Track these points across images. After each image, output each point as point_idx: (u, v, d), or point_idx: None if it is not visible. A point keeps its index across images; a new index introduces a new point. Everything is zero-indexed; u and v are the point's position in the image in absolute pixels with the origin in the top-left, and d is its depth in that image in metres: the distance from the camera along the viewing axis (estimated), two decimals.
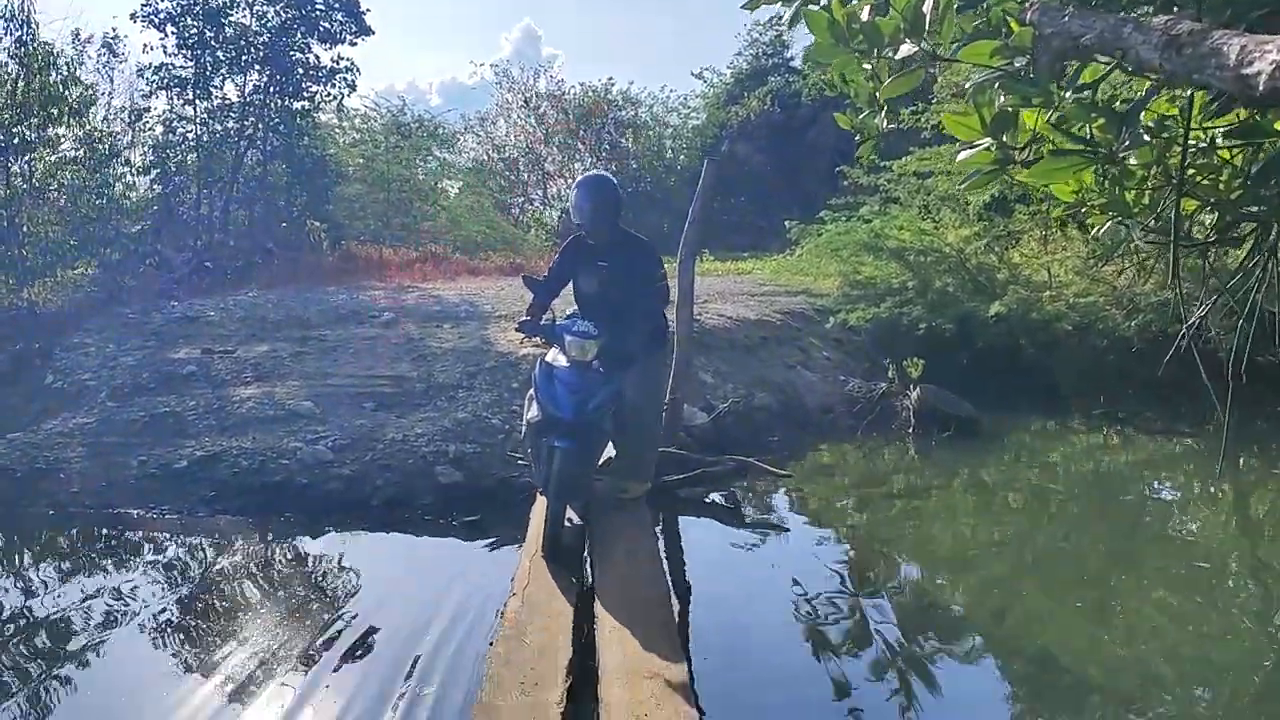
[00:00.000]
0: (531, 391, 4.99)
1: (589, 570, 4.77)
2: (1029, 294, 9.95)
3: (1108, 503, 6.91)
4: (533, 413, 4.91)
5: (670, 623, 3.95)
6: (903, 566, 5.60)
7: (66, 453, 6.92)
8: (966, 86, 2.40)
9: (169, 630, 4.55)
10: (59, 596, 5.00)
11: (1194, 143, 2.48)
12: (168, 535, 6.00)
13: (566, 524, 4.80)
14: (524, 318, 5.34)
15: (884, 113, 2.88)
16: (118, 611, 4.77)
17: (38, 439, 7.16)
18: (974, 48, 2.21)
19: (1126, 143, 2.06)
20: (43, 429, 7.35)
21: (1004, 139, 2.36)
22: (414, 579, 5.33)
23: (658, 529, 5.62)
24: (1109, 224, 3.01)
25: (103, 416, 7.45)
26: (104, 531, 6.11)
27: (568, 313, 5.42)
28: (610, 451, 5.69)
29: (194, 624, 4.61)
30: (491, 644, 3.82)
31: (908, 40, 2.38)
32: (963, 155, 2.49)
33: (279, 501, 6.29)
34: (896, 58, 2.42)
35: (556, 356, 4.96)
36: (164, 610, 4.80)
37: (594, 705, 3.25)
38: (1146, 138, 2.21)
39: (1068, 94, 2.20)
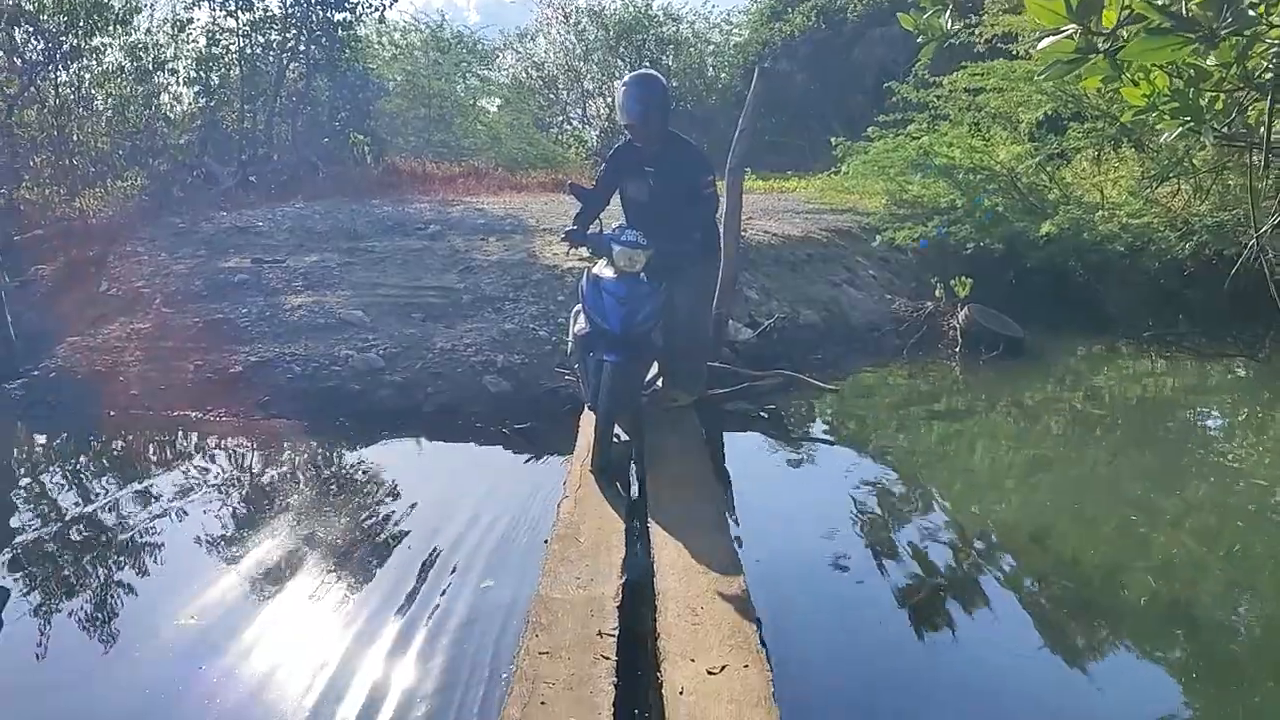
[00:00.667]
0: (578, 305, 4.93)
1: (638, 485, 4.79)
2: (1080, 214, 9.75)
3: (1153, 428, 6.86)
4: (580, 326, 4.87)
5: (724, 527, 4.02)
6: (944, 486, 5.59)
7: (124, 357, 7.07)
8: None
9: (228, 527, 4.70)
10: (120, 493, 5.18)
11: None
12: (224, 437, 6.16)
13: (615, 439, 4.72)
14: (570, 227, 5.22)
15: (949, 12, 2.83)
16: (177, 508, 4.94)
17: (96, 343, 7.33)
18: None
19: (1229, 20, 1.99)
20: (100, 334, 7.50)
21: (1089, 25, 2.31)
22: (467, 482, 5.43)
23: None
24: (1179, 129, 2.95)
25: (158, 322, 7.59)
26: (162, 432, 6.28)
27: (615, 224, 5.27)
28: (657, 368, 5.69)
29: (254, 521, 4.76)
30: (546, 541, 3.91)
31: None
32: (1044, 43, 2.44)
33: (332, 407, 6.41)
34: None
35: (604, 268, 4.87)
36: (222, 508, 4.95)
37: (651, 609, 3.31)
38: (1250, 13, 2.14)
39: None
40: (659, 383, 5.78)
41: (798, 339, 8.22)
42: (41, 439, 6.40)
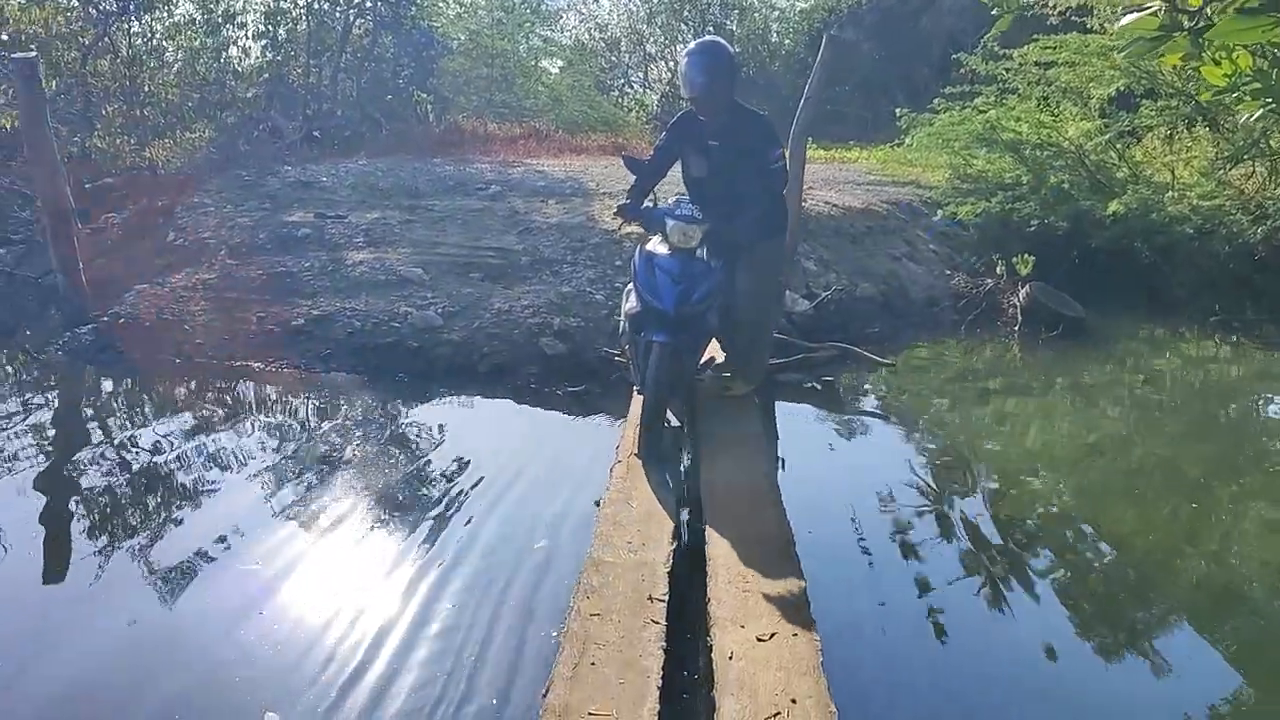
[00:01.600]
0: (630, 283, 4.67)
1: (689, 454, 4.71)
2: (1149, 194, 9.53)
3: (1215, 414, 6.71)
4: (631, 304, 4.59)
5: (776, 498, 3.99)
6: (997, 464, 5.53)
7: (190, 306, 7.23)
8: None
9: (289, 477, 4.80)
10: (184, 439, 5.31)
11: None
12: (286, 388, 6.29)
13: (664, 424, 4.50)
14: (623, 200, 4.95)
15: None
16: (240, 456, 5.05)
17: (163, 292, 7.49)
18: None
19: None
20: (168, 283, 7.66)
21: (1175, 2, 2.25)
22: (521, 442, 5.49)
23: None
24: (1261, 110, 2.87)
25: (223, 273, 7.74)
26: (225, 382, 6.42)
27: (673, 196, 4.96)
28: (715, 349, 5.43)
29: (315, 473, 4.85)
30: (598, 504, 3.95)
31: None
32: (1126, 19, 2.39)
33: (391, 362, 6.52)
34: None
35: (658, 244, 4.59)
36: (283, 458, 5.06)
37: (701, 576, 3.33)
38: None
39: None
40: (713, 367, 5.51)
41: (855, 311, 8.16)
42: (109, 384, 6.57)
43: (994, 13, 2.87)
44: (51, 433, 5.49)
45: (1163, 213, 9.22)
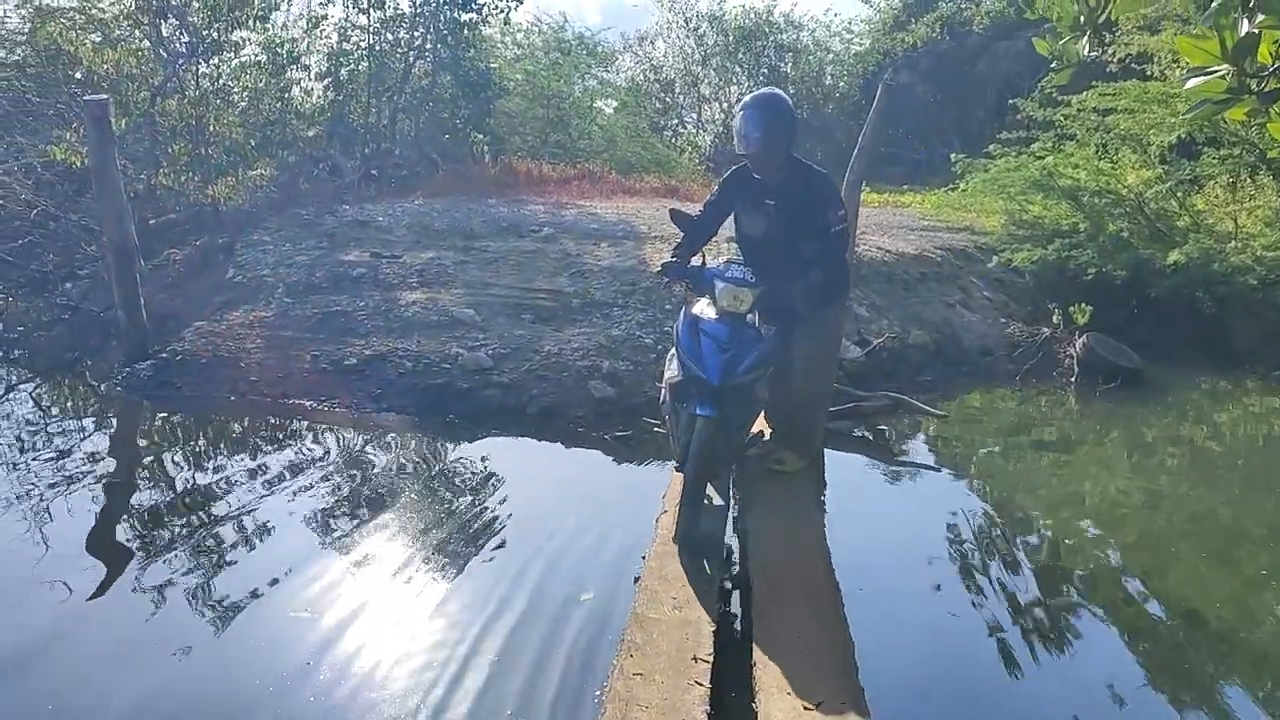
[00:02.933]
0: (673, 350, 4.31)
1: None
2: (1211, 244, 9.35)
3: (1278, 470, 6.53)
4: (672, 372, 4.27)
5: (826, 558, 3.90)
6: (1049, 518, 5.43)
7: (246, 344, 7.35)
8: (1212, 5, 2.24)
9: (340, 519, 4.84)
10: (237, 477, 5.37)
11: None
12: (338, 428, 6.36)
13: (705, 501, 4.11)
14: (668, 258, 4.60)
15: (1086, 37, 2.74)
16: (291, 496, 5.10)
17: (220, 329, 7.62)
18: None
19: None
20: (225, 320, 7.80)
21: (1244, 66, 2.20)
22: (569, 487, 5.50)
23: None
24: None
25: (280, 311, 7.86)
26: (279, 420, 6.50)
27: (723, 257, 4.73)
28: (764, 422, 5.06)
29: (365, 515, 4.88)
30: (644, 557, 3.92)
31: None
32: (1192, 82, 2.34)
33: (441, 403, 6.57)
34: None
35: (705, 308, 4.25)
36: (334, 499, 5.09)
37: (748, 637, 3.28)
38: None
39: None
40: (761, 442, 5.09)
41: (906, 359, 8.08)
42: (163, 420, 6.68)
43: (1053, 67, 2.82)
44: (105, 468, 5.58)
45: (1225, 263, 9.04)
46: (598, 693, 3.14)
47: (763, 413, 4.87)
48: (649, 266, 8.63)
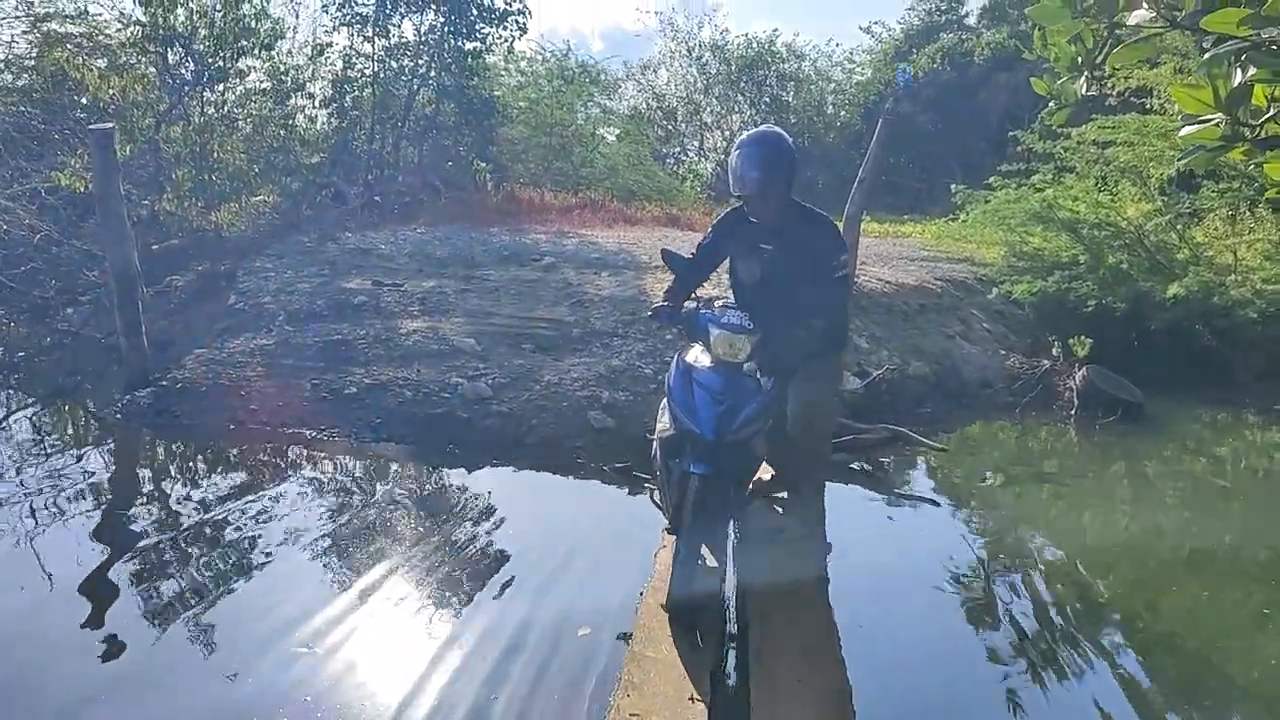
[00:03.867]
0: (665, 400, 4.04)
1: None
2: (1211, 276, 9.39)
3: (1279, 504, 6.52)
4: (664, 424, 3.99)
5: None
6: (1049, 551, 5.40)
7: (247, 371, 7.35)
8: (1203, 58, 2.26)
9: (339, 550, 4.82)
10: (234, 504, 5.36)
11: None
12: (337, 457, 6.34)
13: (700, 562, 3.83)
14: (659, 302, 4.36)
15: (1084, 78, 2.76)
16: (289, 527, 5.08)
17: (221, 356, 7.63)
18: (1220, 15, 2.08)
19: None
20: (225, 347, 7.81)
21: (1237, 115, 2.23)
22: (568, 520, 5.47)
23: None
24: None
25: (280, 339, 7.87)
26: (278, 449, 6.48)
27: (718, 301, 4.39)
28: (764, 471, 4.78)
29: (364, 547, 4.86)
30: (642, 593, 3.91)
31: (1145, 4, 2.27)
32: (1186, 130, 2.36)
33: (440, 433, 6.56)
34: (1130, 22, 2.31)
35: (699, 356, 4.01)
36: (333, 530, 5.07)
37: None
38: None
39: None
40: (765, 489, 4.87)
41: (906, 390, 8.08)
42: (163, 449, 6.66)
43: (1051, 106, 2.85)
44: (101, 497, 5.56)
45: (1225, 296, 9.07)
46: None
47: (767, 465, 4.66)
48: (649, 297, 8.65)
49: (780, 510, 4.68)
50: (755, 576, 4.18)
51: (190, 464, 6.40)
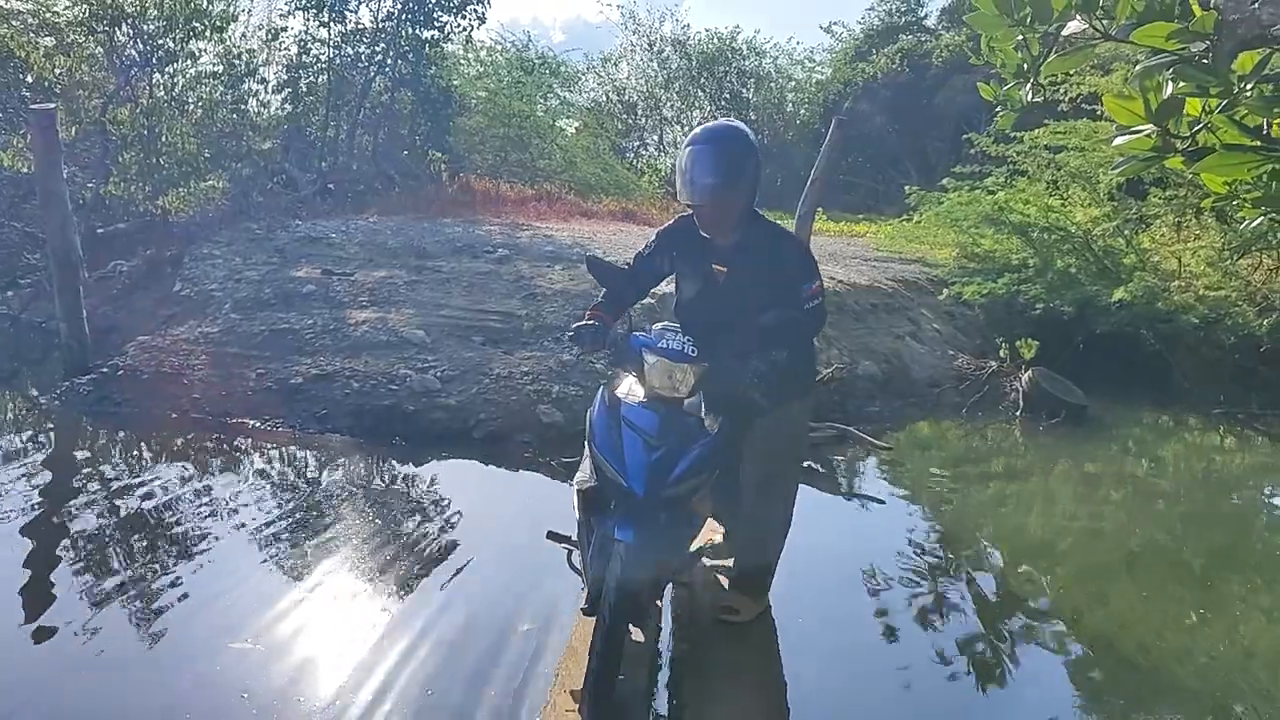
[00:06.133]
0: (586, 443, 3.28)
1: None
2: (1156, 282, 9.55)
3: (1217, 505, 6.64)
4: (584, 475, 3.25)
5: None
6: (993, 550, 5.46)
7: (191, 360, 7.23)
8: (1133, 69, 2.29)
9: (281, 543, 4.74)
10: (173, 495, 5.26)
11: None
12: (281, 448, 6.24)
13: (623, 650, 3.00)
14: (583, 321, 3.47)
15: (1030, 85, 2.78)
16: (230, 519, 4.99)
17: (164, 344, 7.49)
18: (1149, 29, 2.10)
19: None
20: (170, 334, 7.68)
21: (1168, 126, 2.25)
22: (515, 515, 5.42)
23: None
24: (1260, 219, 2.87)
25: (226, 327, 7.75)
26: (220, 440, 6.37)
27: (657, 324, 3.51)
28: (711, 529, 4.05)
29: (306, 541, 4.79)
30: (583, 589, 3.88)
31: (1079, 16, 2.28)
32: (1119, 140, 2.39)
33: (387, 425, 6.49)
34: (1064, 34, 2.33)
35: (631, 388, 3.30)
36: (275, 522, 4.99)
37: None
38: None
39: (1247, 85, 2.08)
40: (709, 551, 4.09)
41: (855, 389, 8.13)
42: (102, 437, 6.52)
43: (997, 111, 2.87)
44: (37, 485, 5.42)
45: (1169, 301, 9.23)
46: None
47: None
48: (602, 291, 8.60)
49: (729, 604, 3.83)
50: (695, 666, 3.56)
51: (130, 453, 6.28)
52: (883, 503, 6.20)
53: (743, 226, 3.37)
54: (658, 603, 3.19)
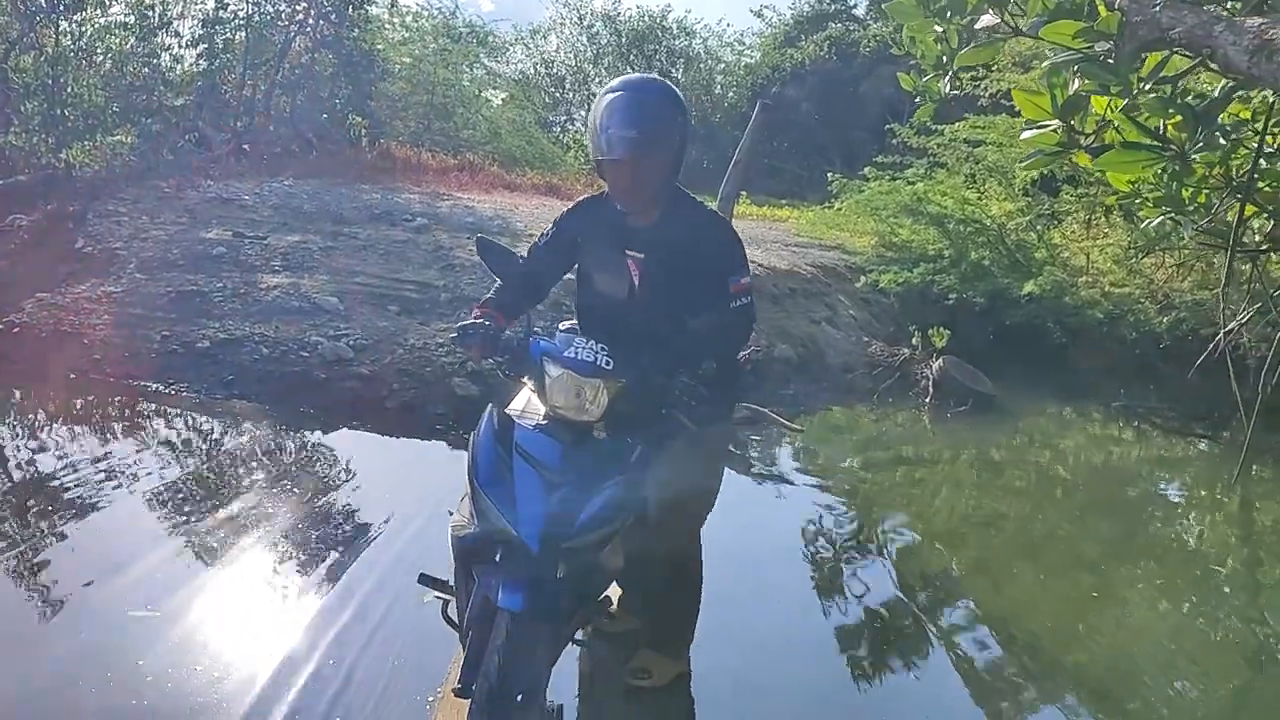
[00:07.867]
0: (468, 476, 2.54)
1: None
2: (1064, 277, 9.85)
3: (1114, 495, 6.89)
4: (461, 518, 2.59)
5: None
6: (899, 532, 5.60)
7: (92, 319, 6.99)
8: (1042, 65, 2.35)
9: (181, 508, 4.63)
10: (68, 459, 5.09)
11: (1269, 148, 2.44)
12: (184, 412, 6.09)
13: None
14: (471, 318, 2.84)
15: (948, 78, 2.83)
16: (122, 479, 4.86)
17: (64, 302, 7.24)
18: (1057, 26, 2.16)
19: (1200, 144, 2.01)
20: (70, 293, 7.41)
21: (1072, 123, 2.32)
22: (421, 487, 5.35)
23: None
24: (1160, 218, 2.98)
25: (130, 287, 7.50)
26: (120, 402, 6.19)
27: (565, 324, 3.03)
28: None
29: (196, 500, 4.69)
30: None
31: (990, 11, 2.33)
32: (1027, 134, 2.46)
33: (296, 393, 6.37)
34: (977, 28, 2.38)
35: (527, 406, 2.74)
36: (175, 487, 4.87)
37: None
38: (1220, 140, 2.17)
39: (1147, 86, 2.15)
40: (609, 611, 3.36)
41: (770, 372, 8.23)
42: None
43: (916, 101, 2.92)
44: None
45: (1076, 296, 9.52)
46: (430, 699, 3.08)
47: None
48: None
49: (643, 665, 3.27)
50: None
51: (25, 414, 6.06)
52: (793, 484, 6.29)
53: (664, 204, 2.84)
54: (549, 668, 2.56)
